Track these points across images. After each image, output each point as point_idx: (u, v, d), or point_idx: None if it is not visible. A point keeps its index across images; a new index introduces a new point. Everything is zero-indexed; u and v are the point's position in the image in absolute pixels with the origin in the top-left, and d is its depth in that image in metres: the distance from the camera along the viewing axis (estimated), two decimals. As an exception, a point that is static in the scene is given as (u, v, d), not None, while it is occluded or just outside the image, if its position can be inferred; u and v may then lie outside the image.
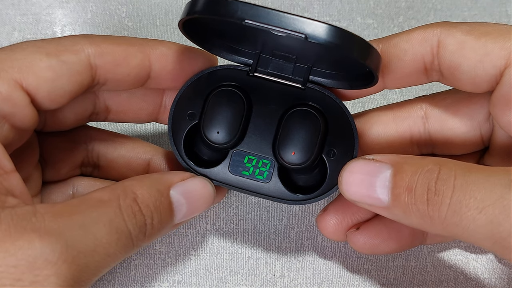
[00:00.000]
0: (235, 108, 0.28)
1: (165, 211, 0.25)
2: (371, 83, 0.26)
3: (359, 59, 0.23)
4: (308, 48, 0.26)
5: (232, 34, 0.27)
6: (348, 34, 0.22)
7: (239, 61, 0.29)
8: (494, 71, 0.25)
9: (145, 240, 0.24)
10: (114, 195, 0.24)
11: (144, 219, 0.24)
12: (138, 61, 0.27)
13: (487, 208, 0.21)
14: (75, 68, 0.25)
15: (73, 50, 0.25)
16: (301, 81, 0.28)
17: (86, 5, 0.42)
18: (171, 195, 0.25)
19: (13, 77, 0.24)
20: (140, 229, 0.24)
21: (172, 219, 0.26)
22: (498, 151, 0.29)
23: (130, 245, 0.23)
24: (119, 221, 0.23)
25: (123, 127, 0.37)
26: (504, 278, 0.33)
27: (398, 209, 0.24)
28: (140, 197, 0.24)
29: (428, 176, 0.23)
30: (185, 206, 0.26)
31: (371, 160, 0.25)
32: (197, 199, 0.27)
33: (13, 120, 0.25)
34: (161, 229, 0.25)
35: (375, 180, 0.24)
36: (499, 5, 0.42)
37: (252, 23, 0.22)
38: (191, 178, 0.27)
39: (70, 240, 0.21)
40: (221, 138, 0.28)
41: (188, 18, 0.23)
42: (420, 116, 0.30)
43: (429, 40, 0.26)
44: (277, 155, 0.28)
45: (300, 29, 0.22)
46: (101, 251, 0.22)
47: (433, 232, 0.27)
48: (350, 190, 0.25)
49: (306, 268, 0.33)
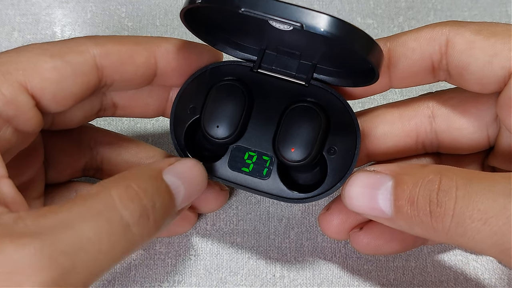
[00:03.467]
0: (235, 102, 0.28)
1: (165, 194, 0.24)
2: (374, 79, 0.26)
3: (358, 50, 0.23)
4: (312, 44, 0.26)
5: (235, 27, 0.27)
6: (346, 24, 0.22)
7: (243, 57, 0.29)
8: (503, 72, 0.25)
9: (152, 227, 0.22)
10: (103, 187, 0.22)
11: (144, 203, 0.22)
12: (144, 59, 0.27)
13: (491, 219, 0.21)
14: (81, 68, 0.25)
15: (78, 51, 0.25)
16: (304, 78, 0.28)
17: (86, 5, 0.42)
18: (166, 179, 0.24)
19: (17, 79, 0.24)
20: (141, 214, 0.22)
21: (174, 204, 0.24)
22: (502, 152, 0.29)
23: (130, 236, 0.21)
24: (110, 210, 0.21)
25: (123, 127, 0.37)
26: (504, 278, 0.33)
27: (401, 221, 0.24)
28: (136, 183, 0.22)
29: (430, 187, 0.23)
30: (183, 188, 0.25)
31: (372, 172, 0.25)
32: (192, 179, 0.26)
33: (17, 123, 0.24)
34: (167, 215, 0.24)
35: (377, 192, 0.24)
36: (499, 5, 0.42)
37: (249, 11, 0.22)
38: (179, 160, 0.26)
39: (48, 239, 0.19)
40: (221, 133, 0.27)
41: (188, 8, 0.23)
42: (427, 115, 0.29)
43: (437, 39, 0.26)
44: (277, 151, 0.27)
45: (298, 18, 0.22)
46: (90, 248, 0.20)
47: (438, 241, 0.27)
48: (353, 203, 0.25)
49: (306, 268, 0.33)
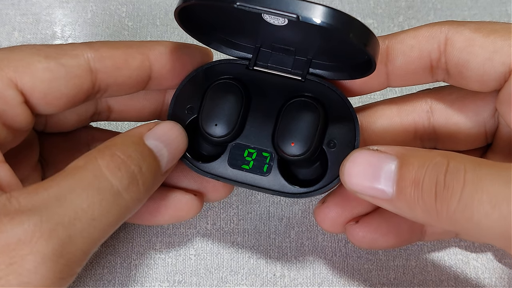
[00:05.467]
0: (232, 100, 0.28)
1: (150, 158, 0.25)
2: (370, 70, 0.25)
3: (354, 39, 0.22)
4: (307, 39, 0.26)
5: (229, 25, 0.27)
6: (342, 14, 0.22)
7: (238, 55, 0.29)
8: (503, 68, 0.25)
9: (141, 191, 0.24)
10: (90, 157, 0.23)
11: (132, 169, 0.23)
12: (138, 63, 0.27)
13: (501, 203, 0.20)
14: (74, 71, 0.25)
15: (73, 54, 0.25)
16: (301, 74, 0.28)
17: (86, 5, 0.42)
18: (148, 143, 0.25)
19: (7, 75, 0.24)
20: (129, 180, 0.23)
21: (159, 166, 0.25)
22: (501, 148, 0.29)
23: (121, 202, 0.23)
24: (100, 180, 0.22)
25: (123, 127, 0.37)
26: (504, 278, 0.33)
27: (402, 202, 0.23)
28: (120, 151, 0.24)
29: (437, 169, 0.22)
30: (165, 150, 0.26)
31: (375, 151, 0.24)
32: (173, 140, 0.26)
33: (5, 118, 0.25)
34: (153, 177, 0.25)
35: (379, 171, 0.24)
36: (499, 4, 0.42)
37: (243, 5, 0.21)
38: (157, 124, 0.27)
39: (45, 214, 0.20)
40: (219, 131, 0.27)
41: (182, 6, 0.23)
42: (426, 110, 0.29)
43: (436, 37, 0.26)
44: (277, 146, 0.27)
45: (293, 10, 0.21)
46: (83, 217, 0.21)
47: (436, 225, 0.26)
48: (352, 181, 0.25)
49: (306, 267, 0.33)
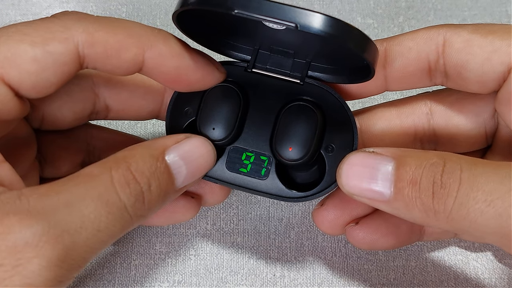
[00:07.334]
0: (230, 104, 0.27)
1: (163, 176, 0.24)
2: (369, 76, 0.26)
3: (353, 48, 0.22)
4: (306, 42, 0.26)
5: (228, 28, 0.27)
6: (341, 23, 0.22)
7: (237, 57, 0.29)
8: (502, 68, 0.25)
9: (145, 209, 0.24)
10: (105, 167, 0.23)
11: (140, 186, 0.23)
12: (132, 56, 0.25)
13: (496, 201, 0.21)
14: (62, 59, 0.24)
15: (62, 38, 0.24)
16: (299, 77, 0.28)
17: (86, 5, 0.42)
18: (167, 159, 0.24)
19: None
20: (136, 198, 0.23)
21: (173, 184, 0.25)
22: (501, 149, 0.29)
23: (126, 217, 0.23)
24: (109, 193, 0.22)
25: (123, 126, 0.37)
26: (504, 278, 0.33)
27: (400, 203, 0.23)
28: (134, 165, 0.23)
29: (434, 169, 0.22)
30: (185, 168, 0.25)
31: (372, 153, 0.24)
32: (196, 159, 0.26)
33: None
34: (163, 195, 0.24)
35: (376, 173, 0.24)
36: (499, 5, 0.42)
37: (242, 13, 0.21)
38: (187, 138, 0.26)
39: (53, 219, 0.20)
40: (217, 135, 0.27)
41: (181, 11, 0.23)
42: (425, 112, 0.29)
43: (434, 39, 0.26)
44: (274, 151, 0.27)
45: (292, 18, 0.21)
46: (89, 227, 0.21)
47: (434, 226, 0.26)
48: (349, 183, 0.25)
49: (306, 268, 0.33)
